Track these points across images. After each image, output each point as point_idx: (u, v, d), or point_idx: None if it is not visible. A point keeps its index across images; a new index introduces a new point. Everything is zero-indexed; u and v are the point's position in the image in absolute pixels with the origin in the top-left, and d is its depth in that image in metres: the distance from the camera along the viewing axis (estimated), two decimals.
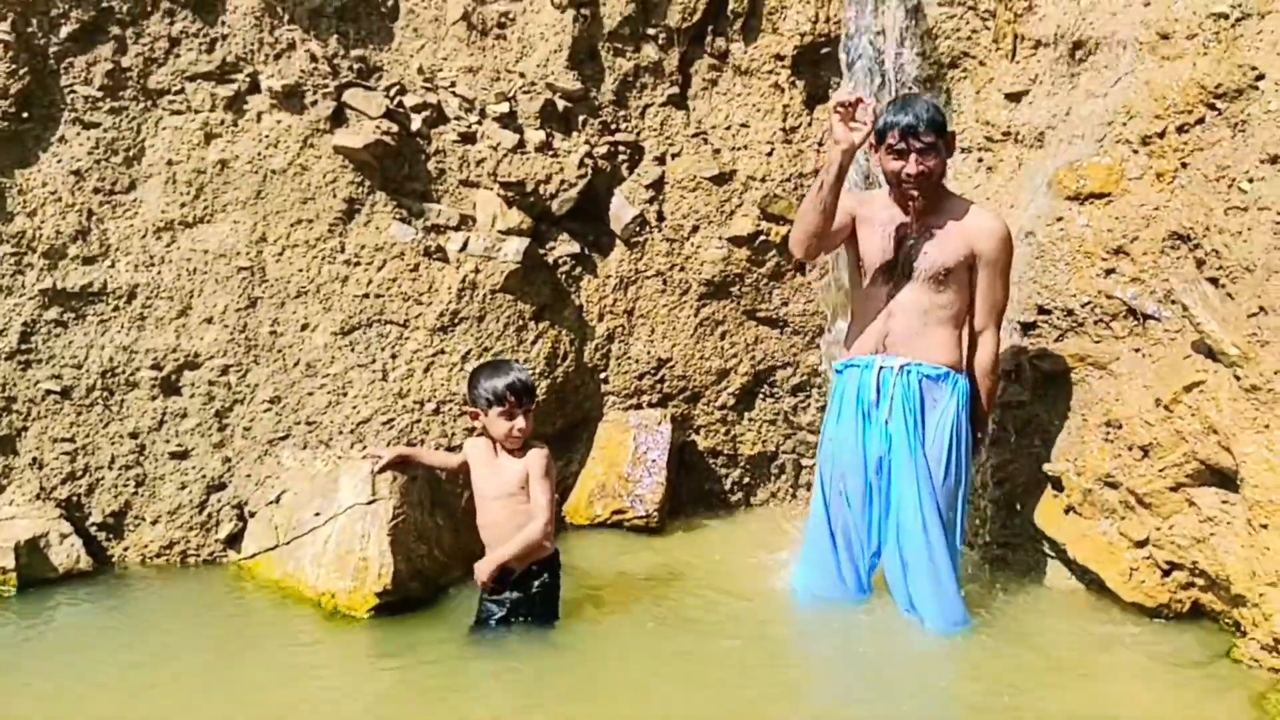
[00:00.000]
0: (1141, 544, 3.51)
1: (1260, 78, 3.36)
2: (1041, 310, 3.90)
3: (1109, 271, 3.75)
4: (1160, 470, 3.44)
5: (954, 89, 4.57)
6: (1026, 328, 3.96)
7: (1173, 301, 3.53)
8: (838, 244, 3.78)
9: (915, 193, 3.55)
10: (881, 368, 3.60)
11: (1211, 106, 3.57)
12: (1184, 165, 3.64)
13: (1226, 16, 3.60)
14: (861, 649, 3.48)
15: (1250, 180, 3.29)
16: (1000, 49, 4.39)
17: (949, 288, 3.58)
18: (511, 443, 3.40)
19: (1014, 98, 4.33)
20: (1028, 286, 3.94)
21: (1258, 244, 3.23)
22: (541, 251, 4.58)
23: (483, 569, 3.36)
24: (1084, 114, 4.08)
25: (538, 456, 3.41)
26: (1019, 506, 3.98)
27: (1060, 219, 3.91)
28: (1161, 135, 3.71)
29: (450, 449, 4.24)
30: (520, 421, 3.38)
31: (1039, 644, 3.41)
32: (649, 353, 4.76)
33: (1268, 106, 3.30)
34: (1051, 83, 4.24)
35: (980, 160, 4.38)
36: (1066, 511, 3.76)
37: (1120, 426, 3.58)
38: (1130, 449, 3.54)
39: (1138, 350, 3.65)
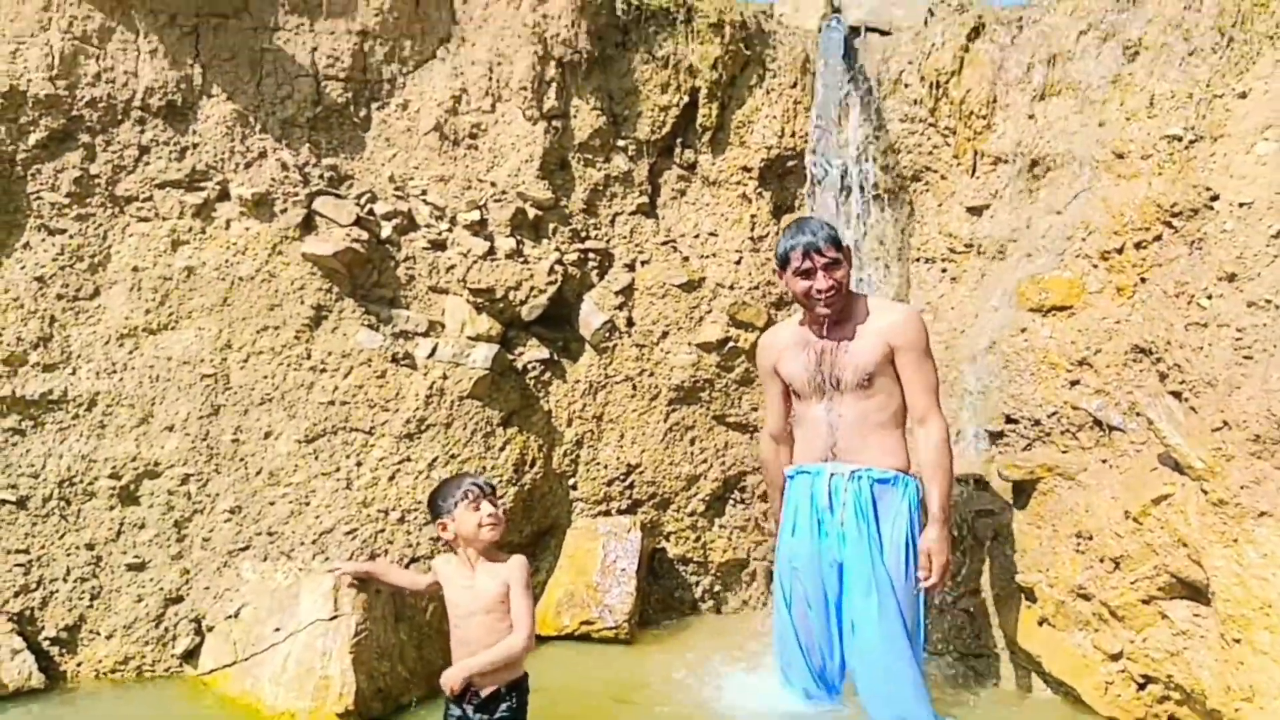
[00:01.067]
0: (1116, 657, 3.49)
1: (1215, 198, 3.47)
2: (1009, 420, 3.94)
3: (1074, 383, 3.80)
4: (1132, 583, 3.44)
5: (916, 201, 4.67)
6: (994, 436, 3.98)
7: (1137, 414, 3.58)
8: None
9: (828, 309, 3.62)
10: (833, 474, 3.62)
11: (1168, 224, 3.67)
12: (1143, 280, 3.72)
13: (1180, 138, 3.73)
14: None
15: (1209, 297, 3.36)
16: (961, 164, 4.51)
17: (878, 390, 3.63)
18: (487, 534, 3.27)
19: (975, 211, 4.43)
20: (995, 395, 3.98)
21: (1218, 359, 3.29)
22: (510, 357, 4.57)
23: (452, 677, 3.22)
24: (1044, 228, 4.18)
25: (519, 567, 3.29)
26: (991, 617, 3.96)
27: (1024, 330, 3.97)
28: (1120, 251, 3.80)
29: (414, 560, 4.17)
30: (488, 507, 3.27)
31: None
32: (618, 458, 4.73)
33: (1223, 226, 3.40)
34: (1011, 197, 4.36)
35: (944, 270, 4.47)
36: (1040, 623, 3.74)
37: (1091, 538, 3.59)
38: (1101, 560, 3.54)
39: (1105, 461, 3.68)
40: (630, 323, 4.79)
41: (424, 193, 4.61)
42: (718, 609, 4.77)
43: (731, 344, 4.78)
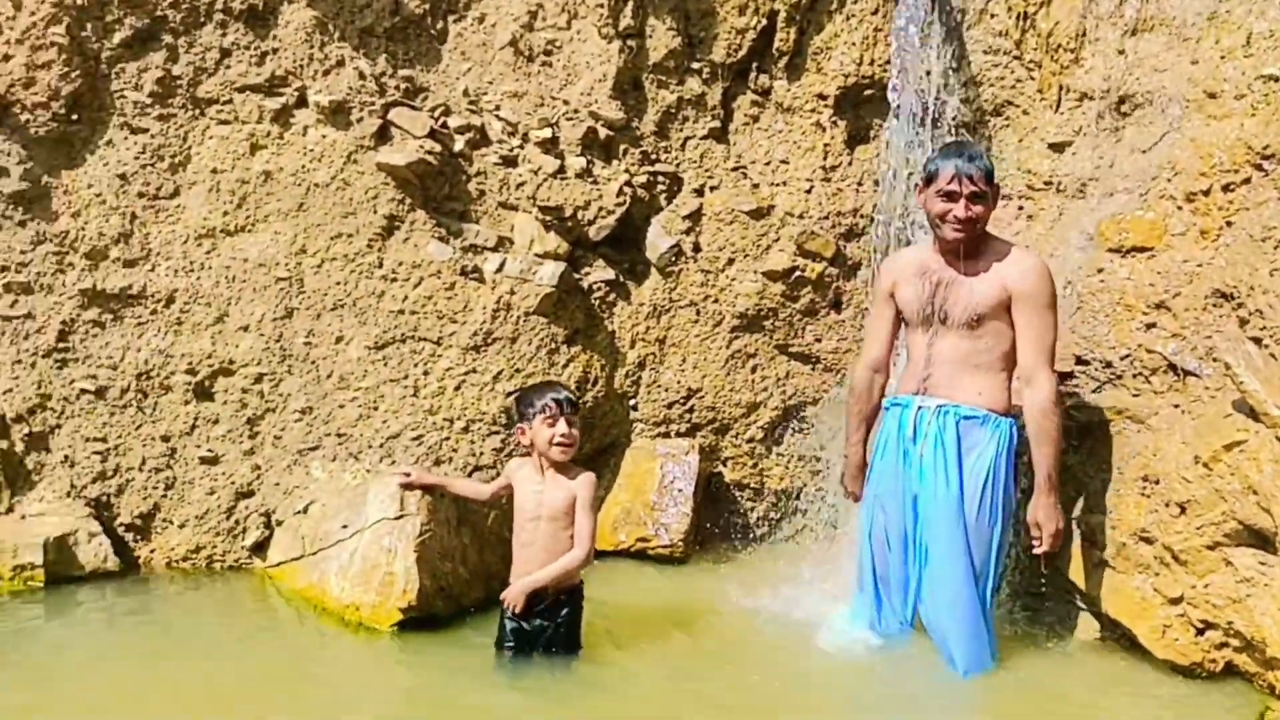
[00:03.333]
0: (1175, 601, 3.47)
1: None
2: (1080, 361, 3.89)
3: (1149, 325, 3.73)
4: (1197, 528, 3.41)
5: (996, 136, 4.58)
6: (1064, 378, 3.93)
7: (1214, 359, 3.51)
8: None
9: (960, 235, 3.55)
10: (920, 407, 3.60)
11: (1258, 167, 3.56)
12: (1229, 224, 3.63)
13: (1276, 79, 3.60)
14: (886, 689, 3.45)
15: None
16: (1045, 99, 4.41)
17: (986, 334, 3.56)
18: (557, 453, 3.35)
19: (1057, 148, 4.33)
20: (1066, 337, 3.92)
21: None
22: (577, 276, 4.59)
23: (515, 596, 3.32)
24: (1128, 167, 4.08)
25: (587, 484, 3.36)
26: (1053, 558, 3.94)
27: (1101, 270, 3.91)
28: (1206, 193, 3.70)
29: (477, 469, 4.25)
30: (563, 427, 3.34)
31: (1067, 694, 3.38)
32: (679, 382, 4.76)
33: None
34: (1095, 135, 4.25)
35: (1021, 208, 4.39)
36: (1100, 565, 3.72)
37: (1158, 482, 3.55)
38: (1167, 505, 3.51)
39: (1177, 406, 3.62)
40: (697, 248, 4.78)
41: (497, 108, 4.61)
42: (772, 535, 4.81)
43: (798, 274, 4.75)
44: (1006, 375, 3.58)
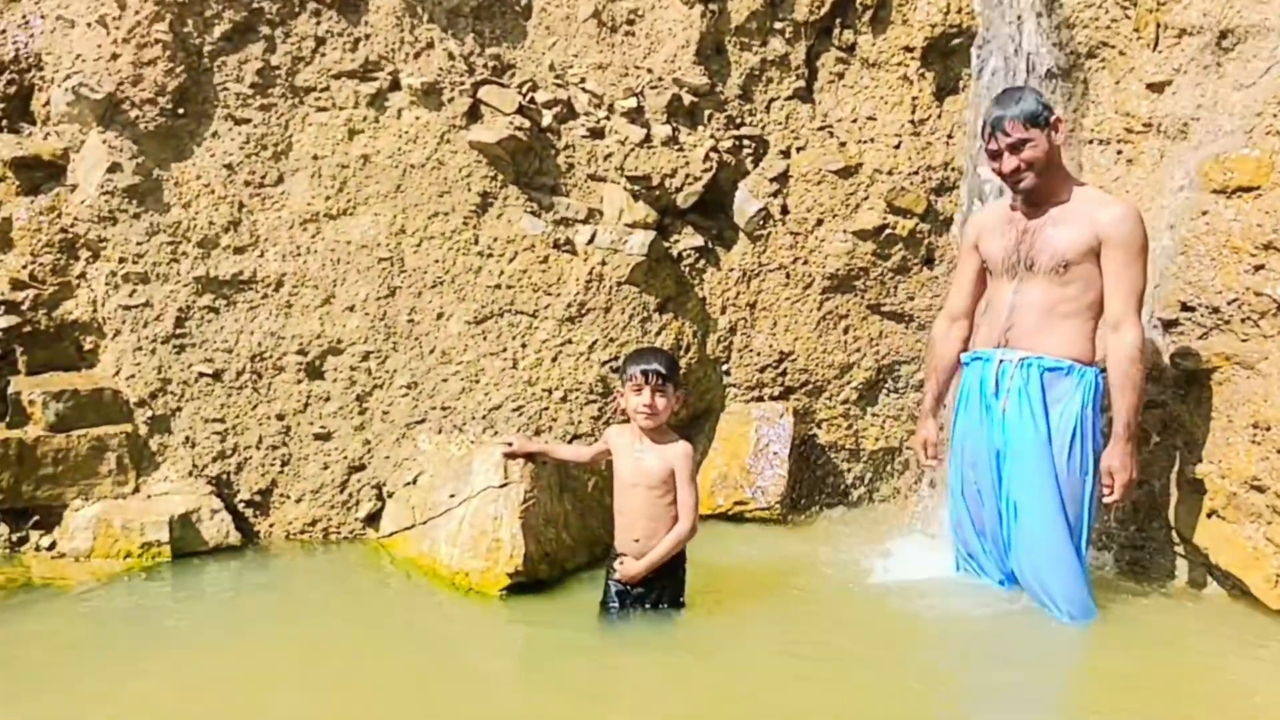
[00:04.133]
0: None
1: None
2: (1185, 307, 3.79)
3: (1258, 268, 3.62)
4: None
5: (1091, 79, 4.46)
6: (1168, 325, 3.85)
7: None
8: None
9: (1019, 191, 3.50)
10: (1002, 360, 3.56)
11: None
12: None
13: None
14: (992, 642, 3.43)
15: None
16: (1141, 38, 4.27)
17: (1073, 280, 3.48)
18: (641, 420, 3.41)
19: (1156, 88, 4.20)
20: (1170, 283, 3.83)
21: None
22: (666, 244, 4.63)
23: (634, 574, 3.40)
24: (1231, 105, 3.94)
25: (685, 457, 3.40)
26: (1158, 509, 3.88)
27: (1205, 213, 3.79)
28: None
29: (576, 437, 4.34)
30: (646, 397, 3.37)
31: (1178, 644, 3.33)
32: (771, 345, 4.77)
33: None
34: (1196, 72, 4.11)
35: (1119, 153, 4.27)
36: (1209, 515, 3.65)
37: (1269, 428, 3.46)
38: (1279, 452, 3.41)
39: None
40: (785, 210, 4.77)
41: (582, 80, 4.66)
42: (869, 496, 4.82)
43: (888, 231, 4.71)
44: (1093, 324, 3.51)
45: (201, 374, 4.18)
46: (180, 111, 4.24)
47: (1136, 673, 3.16)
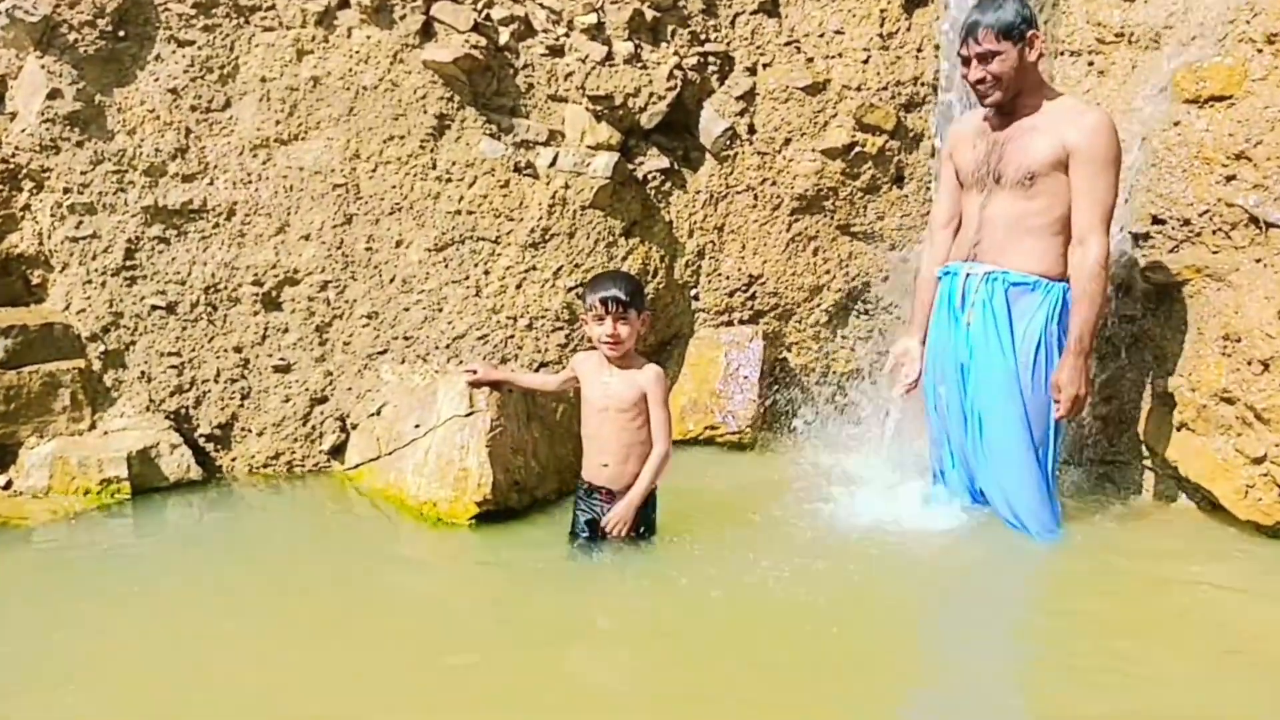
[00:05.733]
0: (1259, 460, 3.40)
1: None
2: (1155, 220, 3.75)
3: (1229, 178, 3.57)
4: None
5: None
6: (1139, 238, 3.81)
7: None
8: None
9: (985, 101, 3.46)
10: (968, 275, 3.53)
11: None
12: None
13: None
14: (962, 560, 3.43)
15: None
16: None
17: (1040, 194, 3.42)
18: (606, 350, 3.36)
19: None
20: (1141, 195, 3.78)
21: None
22: (631, 167, 4.52)
23: (619, 520, 3.32)
24: (1203, 13, 3.86)
25: (656, 380, 3.32)
26: (1128, 423, 3.88)
27: (1177, 124, 3.73)
28: None
29: (543, 365, 4.27)
30: (608, 326, 3.29)
31: (1152, 556, 3.36)
32: (740, 269, 4.70)
33: None
34: None
35: (1091, 64, 4.19)
36: (1179, 428, 3.65)
37: (1239, 340, 3.45)
38: (1249, 363, 3.41)
39: (1259, 260, 3.49)
40: (752, 129, 4.67)
41: None
42: (839, 418, 4.78)
43: (857, 149, 4.62)
44: (1062, 239, 3.45)
45: (155, 307, 4.06)
46: (121, 34, 4.05)
47: (1108, 590, 3.17)
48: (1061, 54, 4.26)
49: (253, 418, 4.10)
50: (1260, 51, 3.58)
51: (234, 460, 4.07)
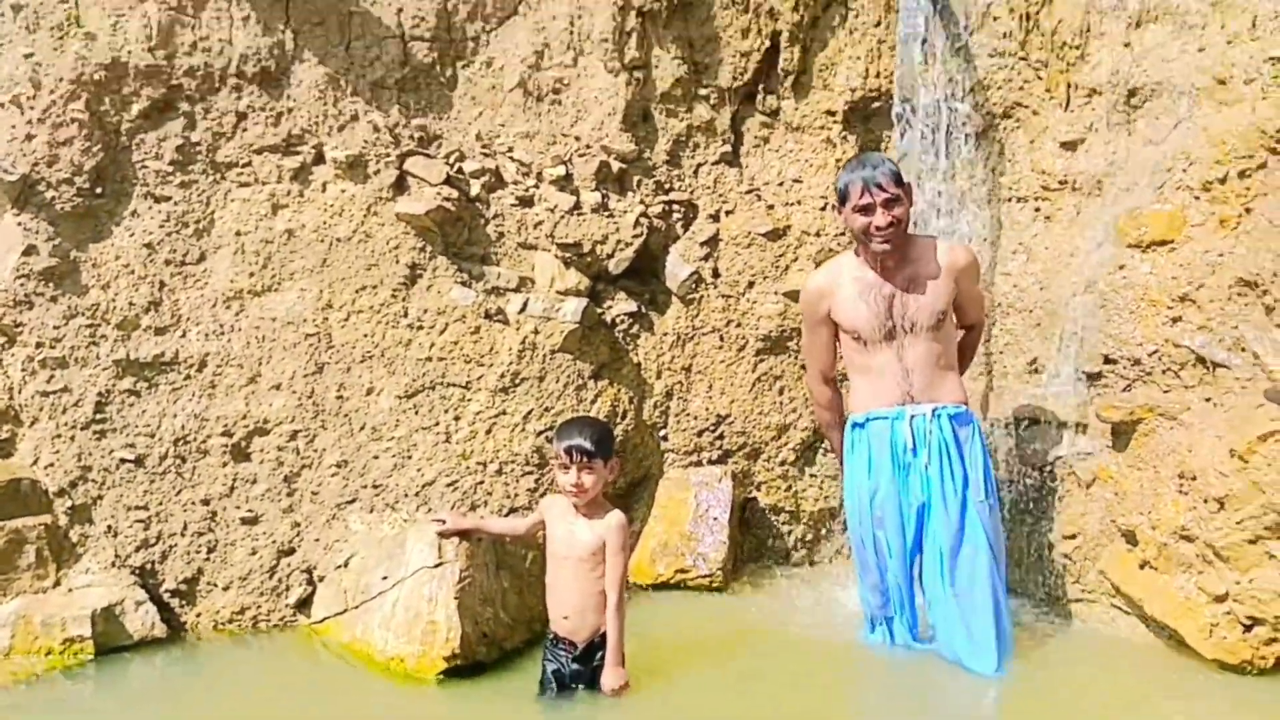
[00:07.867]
0: (1221, 599, 3.43)
1: None
2: (1107, 360, 3.86)
3: (1175, 319, 3.70)
4: (1238, 522, 3.37)
5: (1007, 139, 4.56)
6: (1092, 378, 3.91)
7: (1242, 349, 3.48)
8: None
9: (887, 245, 3.59)
10: (913, 416, 3.62)
11: (1274, 151, 3.54)
12: (1248, 211, 3.60)
13: None
14: (930, 698, 3.42)
15: None
16: (1053, 98, 4.38)
17: (945, 328, 3.72)
18: (571, 498, 3.39)
19: (1069, 146, 4.31)
20: (1093, 336, 3.90)
21: None
22: (599, 311, 4.62)
23: (613, 684, 3.31)
24: (1142, 161, 4.05)
25: (616, 529, 3.34)
26: (1091, 560, 3.91)
27: (1122, 267, 3.88)
28: (1223, 181, 3.68)
29: (513, 510, 4.28)
30: (573, 475, 3.34)
31: (1118, 694, 3.35)
32: (708, 409, 4.77)
33: None
34: (1107, 130, 4.22)
35: (1038, 210, 4.36)
36: (1141, 566, 3.68)
37: (1194, 478, 3.52)
38: (1205, 501, 3.47)
39: (1209, 399, 3.59)
40: (716, 273, 4.80)
41: (510, 149, 4.66)
42: (810, 558, 4.78)
43: None
44: (959, 368, 3.83)
45: (123, 460, 4.06)
46: (98, 191, 4.16)
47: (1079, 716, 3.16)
48: (1008, 200, 4.43)
49: (219, 571, 4.06)
50: (1197, 199, 3.76)
51: (199, 616, 4.01)
